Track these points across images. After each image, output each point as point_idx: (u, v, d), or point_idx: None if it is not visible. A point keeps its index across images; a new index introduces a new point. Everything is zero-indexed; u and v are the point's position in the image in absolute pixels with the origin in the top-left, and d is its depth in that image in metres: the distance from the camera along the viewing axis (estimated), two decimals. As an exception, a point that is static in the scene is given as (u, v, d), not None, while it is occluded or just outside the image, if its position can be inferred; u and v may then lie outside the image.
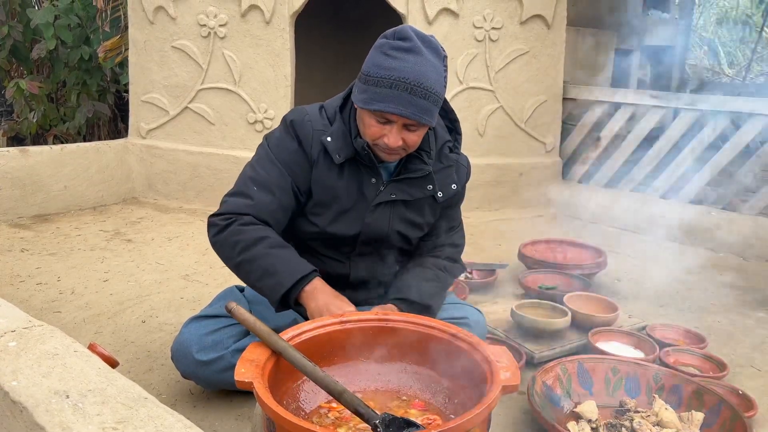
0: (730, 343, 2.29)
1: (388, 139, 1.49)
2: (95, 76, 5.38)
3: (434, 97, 1.48)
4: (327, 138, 1.60)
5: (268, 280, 1.51)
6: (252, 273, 1.54)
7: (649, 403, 1.72)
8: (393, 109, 1.44)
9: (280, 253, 1.54)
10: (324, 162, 1.62)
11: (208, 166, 3.90)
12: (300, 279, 1.50)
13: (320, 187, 1.63)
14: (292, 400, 1.27)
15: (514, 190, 4.14)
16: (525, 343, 2.07)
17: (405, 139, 1.50)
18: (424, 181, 1.67)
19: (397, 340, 1.36)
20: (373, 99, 1.46)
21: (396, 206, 1.67)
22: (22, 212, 3.58)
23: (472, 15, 3.80)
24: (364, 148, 1.57)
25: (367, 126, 1.52)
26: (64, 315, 2.32)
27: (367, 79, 1.48)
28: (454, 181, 1.73)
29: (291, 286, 1.49)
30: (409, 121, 1.47)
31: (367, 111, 1.50)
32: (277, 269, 1.50)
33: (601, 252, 2.88)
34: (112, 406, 0.97)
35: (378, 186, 1.65)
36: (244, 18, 3.76)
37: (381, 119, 1.48)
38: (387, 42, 1.49)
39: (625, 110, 4.09)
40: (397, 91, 1.43)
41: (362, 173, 1.64)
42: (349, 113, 1.64)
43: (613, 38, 5.61)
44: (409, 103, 1.44)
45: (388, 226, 1.68)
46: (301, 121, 1.63)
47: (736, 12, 11.29)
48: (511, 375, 1.14)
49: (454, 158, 1.74)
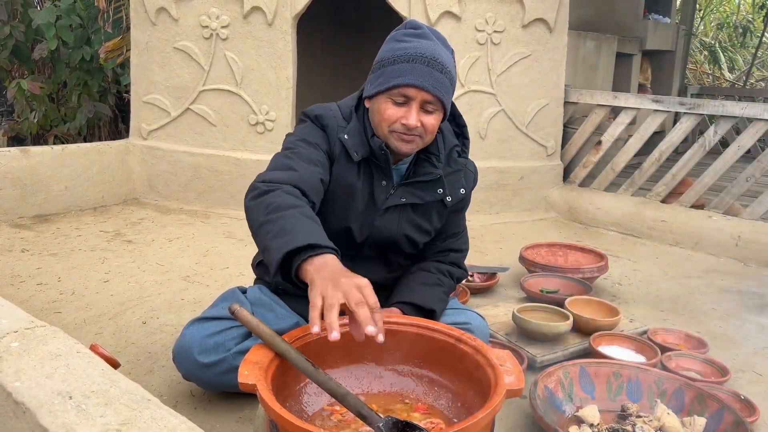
0: (731, 348, 2.29)
1: (406, 119, 1.49)
2: (96, 77, 5.38)
3: (450, 75, 1.50)
4: (344, 135, 1.60)
5: (280, 238, 1.26)
6: (270, 232, 1.30)
7: (651, 407, 1.71)
8: (412, 80, 1.45)
9: (307, 222, 1.32)
10: (344, 159, 1.61)
11: (209, 168, 3.90)
12: (315, 245, 1.24)
13: (339, 185, 1.61)
14: (295, 403, 1.27)
15: (515, 194, 4.15)
16: (526, 347, 2.07)
17: (423, 121, 1.50)
18: (434, 185, 1.67)
19: (400, 342, 1.36)
20: (390, 77, 1.48)
21: (405, 210, 1.67)
22: (23, 212, 3.57)
23: (474, 18, 3.81)
24: (381, 147, 1.57)
25: (384, 111, 1.51)
26: (64, 315, 2.32)
27: (382, 64, 1.51)
28: (463, 185, 1.73)
29: (301, 246, 1.23)
30: (428, 96, 1.47)
31: (383, 96, 1.51)
32: (296, 230, 1.27)
33: (602, 256, 2.88)
34: (116, 407, 0.97)
35: (388, 189, 1.65)
36: (246, 19, 3.76)
37: (399, 99, 1.49)
38: (399, 32, 1.53)
39: (627, 114, 4.10)
40: (415, 64, 1.45)
41: (374, 175, 1.64)
42: (363, 113, 1.64)
43: (614, 42, 5.62)
44: (428, 75, 1.45)
45: (398, 230, 1.67)
46: (327, 116, 1.63)
47: (737, 17, 11.31)
48: (515, 379, 1.13)
49: (462, 162, 1.74)
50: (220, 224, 3.66)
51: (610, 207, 4.01)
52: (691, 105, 3.80)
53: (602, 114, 4.21)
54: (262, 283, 1.88)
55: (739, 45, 10.93)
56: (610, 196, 4.13)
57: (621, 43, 5.73)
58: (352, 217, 1.64)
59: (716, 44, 10.86)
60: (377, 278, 1.73)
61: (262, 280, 1.89)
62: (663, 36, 6.52)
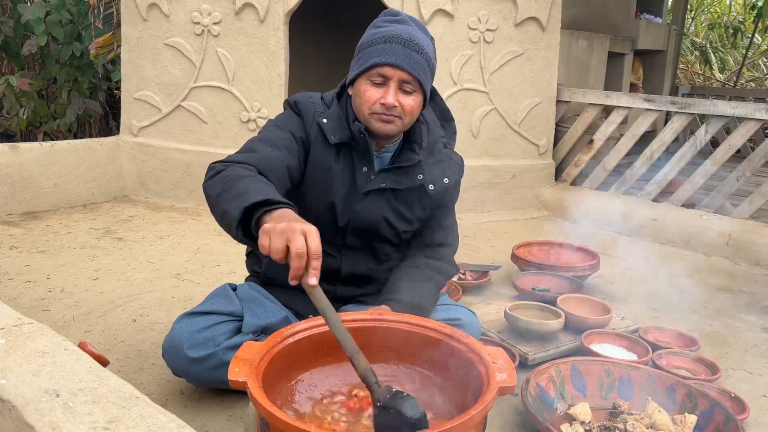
0: (722, 347, 2.30)
1: (384, 98, 1.52)
2: (86, 73, 5.33)
3: (427, 57, 1.55)
4: (323, 120, 1.64)
5: (237, 199, 1.27)
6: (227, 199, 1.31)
7: (643, 405, 1.71)
8: (388, 59, 1.50)
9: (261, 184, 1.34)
10: (320, 143, 1.64)
11: (200, 165, 3.87)
12: (271, 200, 1.25)
13: (316, 169, 1.64)
14: (287, 400, 1.26)
15: (507, 192, 4.15)
16: (518, 345, 2.07)
17: (402, 102, 1.54)
18: (414, 171, 1.69)
19: (392, 340, 1.35)
20: (368, 59, 1.53)
21: (386, 195, 1.69)
22: (11, 209, 3.54)
23: (467, 16, 3.80)
24: (361, 131, 1.60)
25: (363, 93, 1.55)
26: (53, 313, 2.30)
27: (361, 48, 1.57)
28: (447, 175, 1.74)
29: (259, 201, 1.24)
30: (405, 75, 1.51)
31: (362, 78, 1.55)
32: (251, 190, 1.29)
33: (594, 254, 2.89)
34: (103, 405, 0.95)
35: (369, 175, 1.67)
36: (238, 16, 3.74)
37: (377, 79, 1.53)
38: (378, 19, 1.61)
39: (618, 113, 4.11)
40: (391, 44, 1.51)
41: (355, 161, 1.66)
42: (346, 100, 1.68)
43: (606, 42, 5.64)
44: (404, 55, 1.50)
45: (378, 215, 1.69)
46: (305, 102, 1.67)
47: (728, 17, 11.37)
48: (507, 376, 1.13)
49: (447, 153, 1.76)
50: (211, 221, 3.62)
51: (602, 206, 4.02)
52: (682, 104, 3.81)
53: (594, 113, 4.22)
54: (253, 279, 1.88)
55: (729, 45, 10.99)
56: (601, 194, 4.14)
57: (613, 43, 5.75)
58: (335, 198, 1.67)
59: (707, 44, 10.92)
60: (365, 269, 1.76)
61: (253, 275, 1.89)
62: (655, 36, 6.54)
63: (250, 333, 1.66)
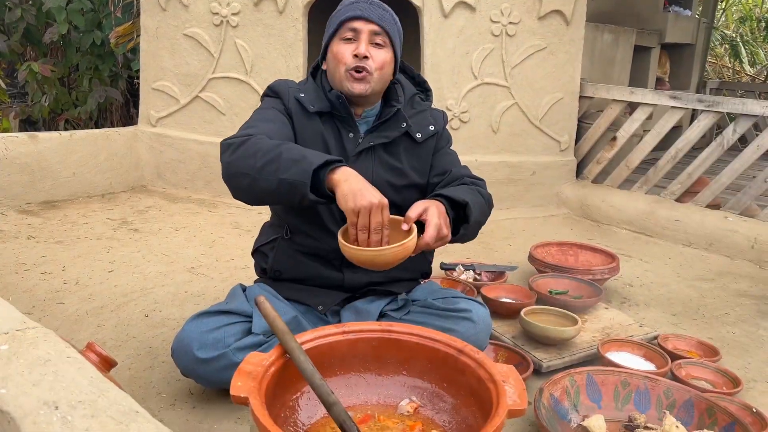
0: (744, 356, 2.23)
1: (357, 49, 1.61)
2: (107, 62, 5.35)
3: (391, 16, 1.68)
4: (300, 94, 1.72)
5: (295, 167, 1.38)
6: (279, 170, 1.40)
7: (660, 419, 1.66)
8: (357, 13, 1.62)
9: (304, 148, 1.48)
10: (302, 116, 1.71)
11: (217, 156, 3.80)
12: (331, 161, 1.41)
13: (305, 136, 1.70)
14: (290, 414, 1.24)
15: (527, 189, 4.08)
16: (532, 351, 2.03)
17: (372, 54, 1.63)
18: (397, 121, 1.74)
19: (400, 352, 1.32)
20: (337, 18, 1.65)
21: (376, 151, 1.74)
22: (30, 198, 3.56)
23: (489, 9, 3.73)
24: (338, 97, 1.67)
25: (337, 53, 1.65)
26: (67, 306, 2.30)
27: (331, 17, 1.69)
28: (431, 122, 1.79)
29: (322, 163, 1.38)
30: (374, 27, 1.62)
31: (335, 40, 1.66)
32: (305, 155, 1.41)
33: (613, 256, 2.82)
34: (102, 420, 0.93)
35: (356, 140, 1.73)
36: (257, 7, 3.70)
37: (348, 35, 1.63)
38: None
39: (643, 110, 4.01)
40: (358, 3, 1.65)
41: (341, 130, 1.73)
42: (321, 75, 1.77)
43: (633, 35, 5.50)
44: (372, 9, 1.64)
45: (372, 173, 1.70)
46: (279, 83, 1.78)
47: (760, 10, 11.06)
48: (517, 398, 1.09)
49: (426, 105, 1.83)
50: (227, 214, 3.63)
51: (624, 205, 3.93)
52: (710, 102, 3.70)
53: (618, 109, 4.12)
54: (261, 280, 1.89)
55: (761, 39, 10.69)
56: (623, 193, 4.05)
57: (639, 36, 5.60)
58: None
59: (738, 38, 10.64)
60: None
61: (261, 275, 1.91)
62: (683, 29, 6.37)
63: (260, 334, 1.65)
